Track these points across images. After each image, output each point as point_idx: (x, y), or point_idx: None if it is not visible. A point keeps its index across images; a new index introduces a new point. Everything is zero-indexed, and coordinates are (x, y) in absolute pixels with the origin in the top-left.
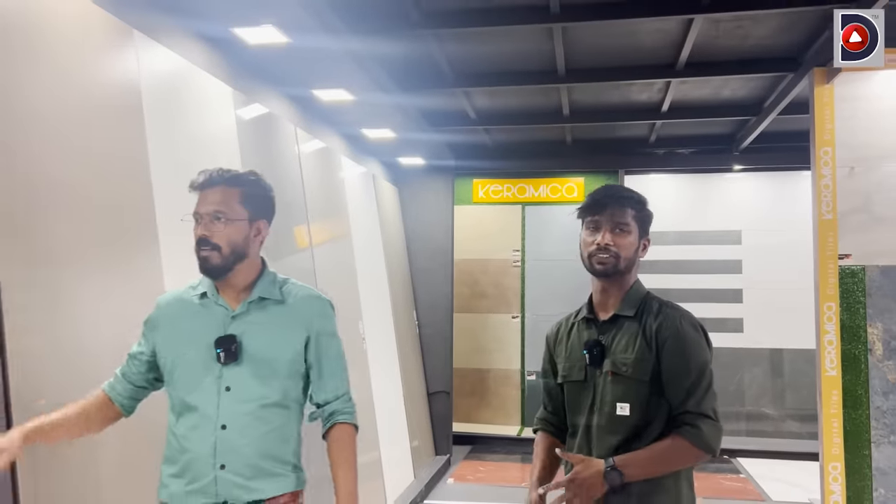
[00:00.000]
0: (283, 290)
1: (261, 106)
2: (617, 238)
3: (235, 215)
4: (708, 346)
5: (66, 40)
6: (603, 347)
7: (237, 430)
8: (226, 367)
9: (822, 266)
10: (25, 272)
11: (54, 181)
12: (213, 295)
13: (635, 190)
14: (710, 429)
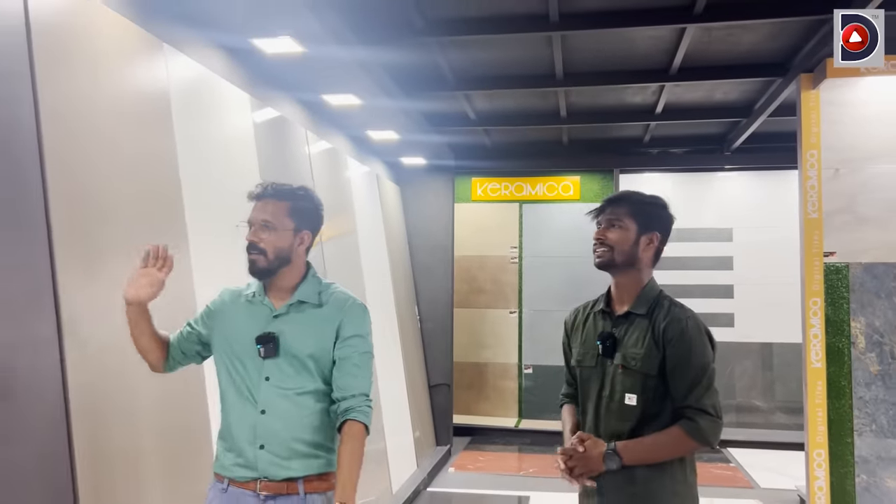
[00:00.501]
0: (321, 295)
1: (274, 110)
2: (609, 232)
3: (282, 226)
4: (712, 347)
5: (105, 54)
6: (615, 340)
7: (275, 415)
8: (266, 359)
9: (808, 263)
10: (78, 266)
11: (98, 182)
12: (260, 295)
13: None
14: (708, 423)
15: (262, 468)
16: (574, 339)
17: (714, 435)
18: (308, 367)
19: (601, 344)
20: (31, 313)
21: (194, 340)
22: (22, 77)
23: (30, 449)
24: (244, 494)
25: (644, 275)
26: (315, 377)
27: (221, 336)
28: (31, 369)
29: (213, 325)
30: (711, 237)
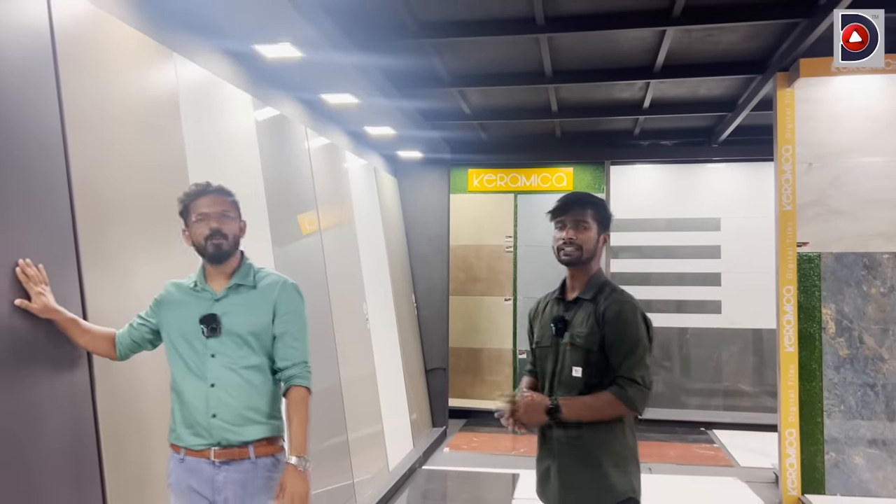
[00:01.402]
0: (255, 278)
1: (275, 110)
2: (579, 233)
3: (234, 215)
4: (647, 329)
5: (121, 64)
6: (566, 322)
7: (223, 387)
8: (210, 338)
9: (783, 253)
10: (100, 257)
11: (117, 180)
12: (201, 283)
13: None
14: (636, 391)
15: (215, 434)
16: (535, 324)
17: (640, 401)
18: (249, 342)
19: (554, 326)
20: (58, 298)
21: (145, 330)
22: (48, 86)
23: (59, 427)
24: (199, 462)
25: (594, 266)
26: (257, 352)
27: (170, 322)
28: (60, 352)
29: (162, 313)
30: (700, 227)
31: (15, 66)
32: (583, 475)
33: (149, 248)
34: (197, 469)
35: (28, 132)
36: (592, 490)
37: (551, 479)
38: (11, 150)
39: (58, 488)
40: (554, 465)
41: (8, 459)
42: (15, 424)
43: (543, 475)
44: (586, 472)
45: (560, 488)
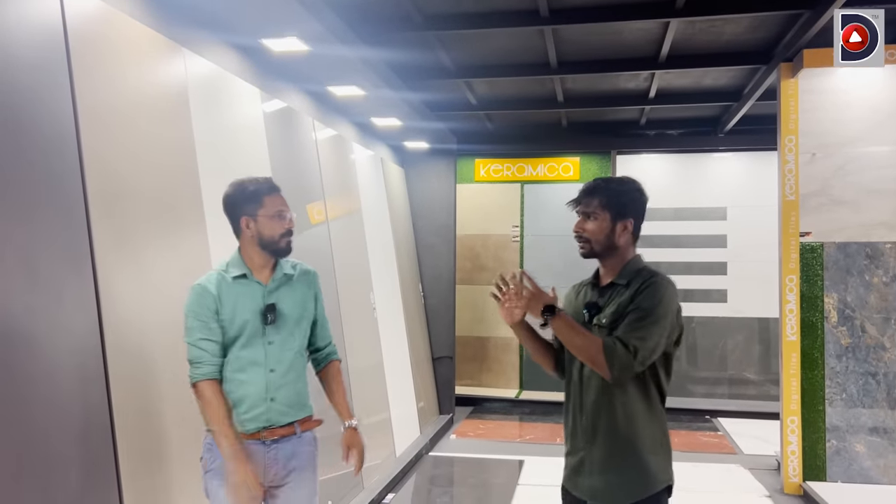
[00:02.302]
0: (292, 267)
1: (282, 102)
2: (586, 224)
3: None
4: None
5: (131, 59)
6: (599, 308)
7: (282, 372)
8: (269, 327)
9: (785, 242)
10: (111, 244)
11: (128, 171)
12: (250, 275)
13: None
14: (622, 353)
15: (272, 418)
16: (568, 311)
17: (619, 365)
18: (301, 326)
19: (587, 311)
20: (74, 287)
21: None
22: (62, 83)
23: (71, 408)
24: (251, 444)
25: (626, 253)
26: (300, 337)
27: (227, 318)
28: (72, 334)
29: (222, 313)
30: (706, 216)
31: (30, 64)
32: (622, 464)
33: (160, 239)
34: (248, 451)
35: (43, 128)
36: (633, 480)
37: (585, 470)
38: (27, 147)
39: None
40: (589, 456)
41: (26, 439)
42: (32, 407)
43: (576, 466)
44: (626, 461)
45: (597, 479)
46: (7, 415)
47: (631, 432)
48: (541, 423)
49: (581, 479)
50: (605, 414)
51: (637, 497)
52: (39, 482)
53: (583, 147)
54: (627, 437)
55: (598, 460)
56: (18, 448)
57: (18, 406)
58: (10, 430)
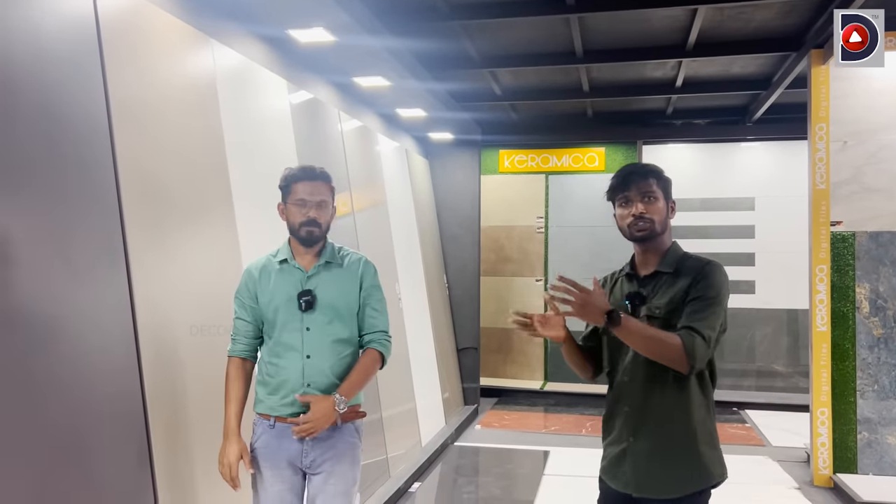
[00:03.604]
0: (340, 256)
1: (308, 93)
2: (648, 206)
3: (332, 203)
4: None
5: (161, 51)
6: (643, 298)
7: (318, 358)
8: (305, 313)
9: (816, 232)
10: (143, 232)
11: (158, 161)
12: (291, 261)
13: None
14: (700, 344)
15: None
16: None
17: (699, 357)
18: (341, 316)
19: (629, 302)
20: (107, 275)
21: (256, 328)
22: (94, 75)
23: (106, 392)
24: (288, 428)
25: (667, 239)
26: (346, 325)
27: (265, 301)
28: (106, 321)
29: (257, 298)
30: (733, 206)
31: (62, 57)
32: (677, 457)
33: (190, 228)
34: (286, 434)
35: (75, 121)
36: (686, 472)
37: (627, 462)
38: (60, 139)
39: (106, 457)
40: (633, 448)
41: (64, 422)
42: (68, 391)
43: (617, 457)
44: (681, 453)
45: (645, 473)
46: (45, 398)
47: (684, 423)
48: (566, 413)
49: (620, 471)
50: (658, 404)
51: (688, 490)
52: (76, 464)
53: (608, 137)
54: (680, 429)
55: (644, 452)
56: (56, 431)
57: (56, 389)
58: (49, 412)
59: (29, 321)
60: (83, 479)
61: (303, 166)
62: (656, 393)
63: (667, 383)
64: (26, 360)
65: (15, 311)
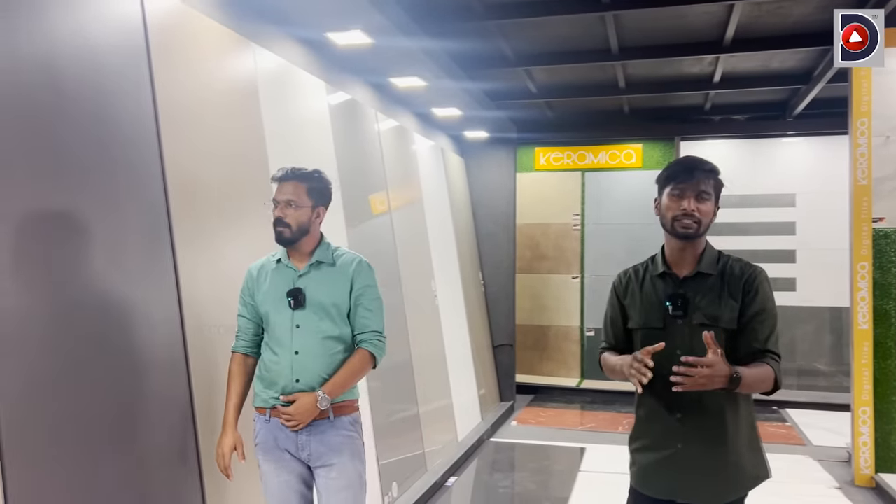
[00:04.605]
0: (334, 256)
1: (346, 94)
2: (700, 205)
3: (303, 203)
4: None
5: (205, 54)
6: (686, 300)
7: (306, 355)
8: (295, 311)
9: (857, 228)
10: (189, 235)
11: (202, 161)
12: (285, 260)
13: None
14: (779, 367)
15: None
16: (630, 303)
17: (782, 378)
18: (330, 314)
19: (671, 304)
20: (156, 271)
21: (256, 325)
22: (143, 80)
23: (155, 378)
24: None
25: (705, 238)
26: (337, 324)
27: (261, 300)
28: (156, 313)
29: (255, 295)
30: (774, 202)
31: (113, 64)
32: (727, 464)
33: (233, 224)
34: (282, 427)
35: (125, 124)
36: (739, 478)
37: (672, 470)
38: (110, 143)
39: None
40: (682, 454)
41: (117, 407)
42: (121, 378)
43: (658, 463)
44: (731, 459)
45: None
46: (98, 386)
47: (734, 430)
48: (602, 411)
49: (668, 478)
50: (709, 412)
51: (736, 495)
52: (128, 452)
53: (645, 133)
54: (732, 436)
55: (694, 458)
56: (110, 416)
57: (109, 376)
58: (104, 403)
59: (84, 318)
60: (135, 466)
61: (281, 167)
62: (710, 401)
63: (718, 392)
64: (82, 354)
65: (71, 308)
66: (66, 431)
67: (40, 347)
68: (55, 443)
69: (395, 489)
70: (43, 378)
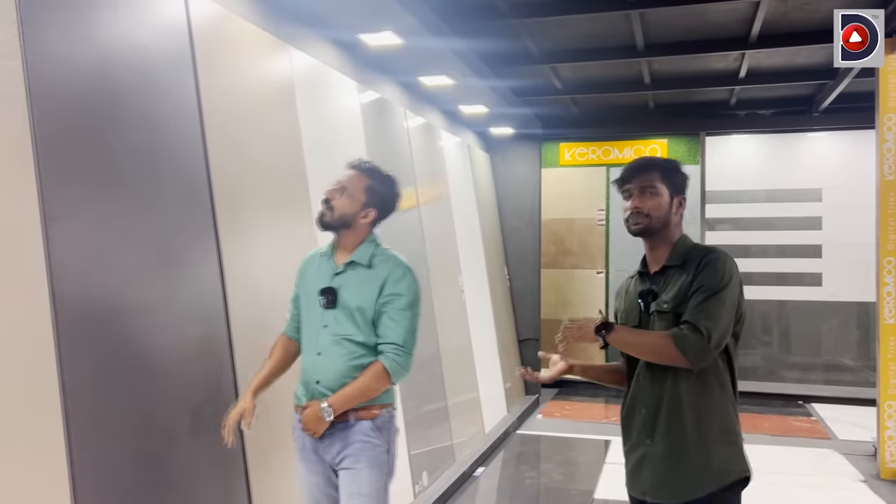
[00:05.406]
0: (373, 258)
1: (376, 93)
2: (645, 200)
3: (355, 196)
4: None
5: (245, 57)
6: (655, 294)
7: (327, 356)
8: (326, 310)
9: (883, 223)
10: (232, 230)
11: (244, 162)
12: (329, 255)
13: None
14: (695, 340)
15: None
16: (619, 304)
17: (695, 351)
18: (355, 318)
19: (642, 301)
20: (203, 266)
21: (298, 312)
22: (188, 83)
23: (201, 367)
24: None
25: (675, 233)
26: (362, 329)
27: (303, 291)
28: (202, 307)
29: (300, 284)
30: (800, 197)
31: (162, 69)
32: (690, 459)
33: (273, 218)
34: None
35: (173, 126)
36: (703, 474)
37: (645, 467)
38: (160, 144)
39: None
40: (651, 452)
41: (165, 396)
42: (169, 367)
43: (636, 465)
44: (694, 454)
45: (661, 477)
46: (148, 375)
47: (698, 424)
48: None
49: (640, 479)
50: (668, 406)
51: (701, 493)
52: (177, 442)
53: (670, 129)
54: (693, 430)
55: (660, 456)
56: (162, 407)
57: (161, 369)
58: (152, 388)
59: (136, 311)
60: (183, 456)
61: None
62: (669, 393)
63: (679, 382)
64: (139, 348)
65: (123, 302)
66: (125, 422)
67: (103, 342)
68: (115, 433)
69: (425, 478)
70: (106, 370)
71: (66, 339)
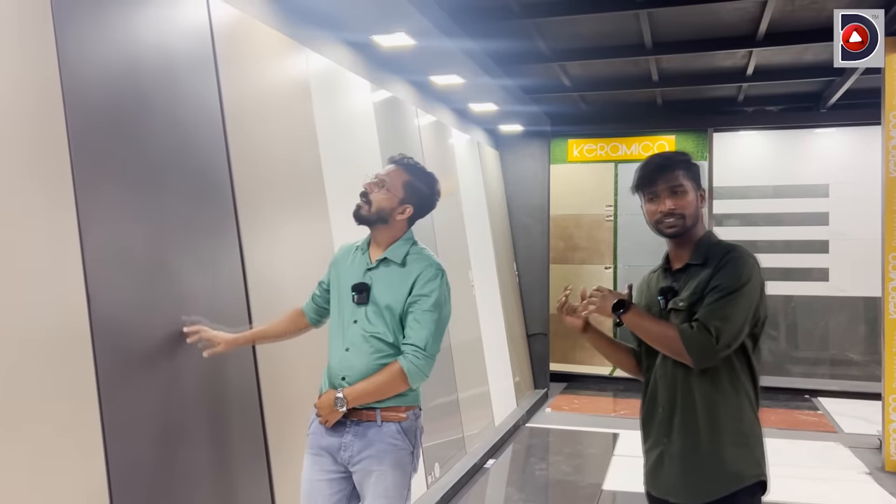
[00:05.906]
0: (407, 257)
1: (388, 92)
2: (678, 201)
3: (394, 191)
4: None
5: (263, 58)
6: (675, 292)
7: (355, 353)
8: (357, 305)
9: (889, 219)
10: (253, 223)
11: (263, 162)
12: (363, 249)
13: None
14: (701, 338)
15: None
16: (639, 300)
17: (700, 351)
18: (384, 316)
19: (662, 298)
20: (225, 263)
21: (326, 294)
22: (211, 84)
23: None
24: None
25: (699, 229)
26: (390, 327)
27: (334, 282)
28: (226, 301)
29: (332, 274)
30: (807, 193)
31: (187, 71)
32: (703, 459)
33: (290, 213)
34: (335, 426)
35: (196, 126)
36: (711, 475)
37: (665, 466)
38: (185, 143)
39: (227, 425)
40: (668, 450)
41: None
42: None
43: (656, 463)
44: (706, 455)
45: (679, 475)
46: (175, 369)
47: (711, 424)
48: (635, 398)
49: (659, 477)
50: (683, 405)
51: (717, 495)
52: (202, 433)
53: (678, 125)
54: (706, 430)
55: (677, 455)
56: (187, 400)
57: (188, 362)
58: (180, 383)
59: (161, 305)
60: (208, 449)
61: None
62: (683, 392)
63: (693, 382)
64: (166, 341)
65: (149, 295)
66: (154, 414)
67: (132, 335)
68: (145, 426)
69: (437, 469)
70: (136, 366)
71: (100, 337)
